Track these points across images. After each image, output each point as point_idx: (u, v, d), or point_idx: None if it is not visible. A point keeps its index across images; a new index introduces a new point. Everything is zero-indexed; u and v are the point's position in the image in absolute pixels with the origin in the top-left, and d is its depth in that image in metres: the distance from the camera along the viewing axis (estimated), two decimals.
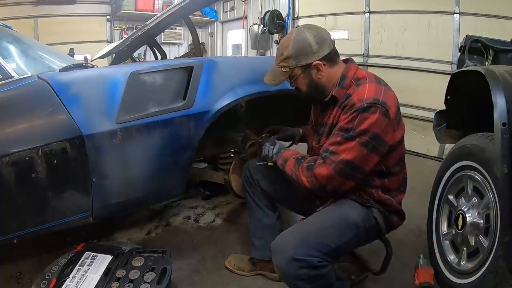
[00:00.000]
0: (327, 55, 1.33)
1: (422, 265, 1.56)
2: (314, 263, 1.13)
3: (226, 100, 1.73)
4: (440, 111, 2.00)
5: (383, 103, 1.23)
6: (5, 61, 1.57)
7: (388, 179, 1.37)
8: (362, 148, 1.22)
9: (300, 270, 1.12)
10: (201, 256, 1.91)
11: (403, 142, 1.39)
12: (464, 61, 2.12)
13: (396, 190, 1.41)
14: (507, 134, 1.21)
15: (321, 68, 1.33)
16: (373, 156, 1.25)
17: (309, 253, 1.14)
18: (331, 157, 1.24)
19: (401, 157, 1.40)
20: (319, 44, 1.31)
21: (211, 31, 7.28)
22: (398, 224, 1.45)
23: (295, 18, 5.22)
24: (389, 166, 1.35)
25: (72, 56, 4.63)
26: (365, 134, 1.22)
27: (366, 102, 1.23)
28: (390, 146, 1.29)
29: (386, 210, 1.37)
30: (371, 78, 1.33)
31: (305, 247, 1.14)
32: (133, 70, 1.59)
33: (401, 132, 1.34)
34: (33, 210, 1.47)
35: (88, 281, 1.39)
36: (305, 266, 1.12)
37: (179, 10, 1.99)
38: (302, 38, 1.32)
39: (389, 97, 1.27)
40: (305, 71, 1.35)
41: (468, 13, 3.41)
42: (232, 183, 2.04)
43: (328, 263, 1.17)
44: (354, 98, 1.27)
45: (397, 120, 1.30)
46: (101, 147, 1.50)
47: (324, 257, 1.15)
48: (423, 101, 3.74)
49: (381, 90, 1.27)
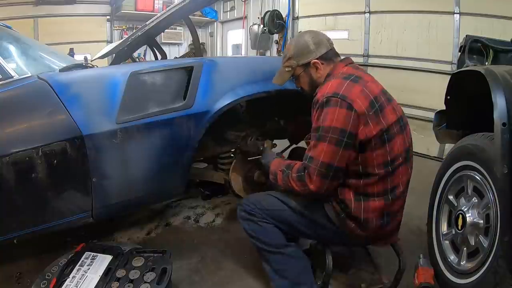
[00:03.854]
0: (324, 55, 1.44)
1: (422, 265, 1.55)
2: (247, 210, 1.50)
3: (226, 100, 1.73)
4: (440, 111, 2.00)
5: (343, 96, 1.27)
6: (5, 61, 1.57)
7: (365, 181, 1.32)
8: (335, 148, 1.27)
9: (239, 212, 1.54)
10: (201, 256, 1.91)
11: (395, 146, 1.32)
12: (464, 61, 2.11)
13: (374, 196, 1.33)
14: (507, 134, 1.21)
15: (319, 67, 1.44)
16: (348, 152, 1.28)
17: (247, 204, 1.52)
18: (312, 165, 1.31)
19: (386, 161, 1.31)
20: (316, 45, 1.44)
21: (211, 31, 7.28)
22: (358, 234, 1.36)
23: (295, 18, 5.22)
24: (367, 167, 1.31)
25: (72, 56, 4.63)
26: (332, 131, 1.26)
27: (325, 96, 1.30)
28: (365, 141, 1.28)
29: (343, 211, 1.35)
30: (342, 75, 1.37)
31: (247, 200, 1.56)
32: (133, 70, 1.59)
33: (377, 128, 1.28)
34: (33, 210, 1.47)
35: (88, 281, 1.39)
36: (242, 210, 1.53)
37: (179, 10, 1.98)
38: (302, 40, 1.47)
39: (351, 91, 1.29)
40: (306, 70, 1.47)
41: (468, 13, 3.41)
42: (232, 183, 2.04)
43: (257, 215, 1.47)
44: (318, 94, 1.35)
45: (371, 114, 1.28)
46: (101, 147, 1.50)
47: (257, 210, 1.48)
48: (423, 101, 3.74)
49: (344, 85, 1.31)
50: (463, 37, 2.20)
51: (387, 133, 1.31)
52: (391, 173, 1.33)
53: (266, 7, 5.57)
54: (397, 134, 1.35)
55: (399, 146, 1.35)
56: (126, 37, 2.27)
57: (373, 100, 1.31)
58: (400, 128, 1.37)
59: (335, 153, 1.27)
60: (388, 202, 1.35)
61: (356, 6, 4.32)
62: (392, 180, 1.34)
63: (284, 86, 1.96)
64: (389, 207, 1.36)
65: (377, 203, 1.33)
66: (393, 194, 1.35)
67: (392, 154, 1.32)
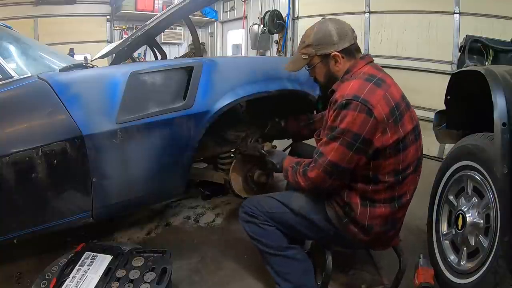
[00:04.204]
0: (347, 49, 1.35)
1: (422, 265, 1.55)
2: (249, 212, 1.49)
3: (226, 100, 1.73)
4: (440, 111, 2.00)
5: (364, 101, 1.20)
6: (5, 61, 1.57)
7: (373, 187, 1.29)
8: (345, 150, 1.23)
9: (241, 213, 1.54)
10: (201, 256, 1.91)
11: (408, 155, 1.28)
12: (464, 61, 2.11)
13: (381, 202, 1.31)
14: (507, 134, 1.21)
15: (339, 60, 1.35)
16: (358, 156, 1.24)
17: (248, 206, 1.51)
18: (319, 160, 1.28)
19: (398, 169, 1.28)
20: (340, 36, 1.33)
21: (211, 31, 7.28)
22: (360, 238, 1.35)
23: (295, 18, 5.22)
24: (377, 173, 1.27)
25: (72, 56, 4.63)
26: (347, 134, 1.22)
27: (345, 98, 1.22)
28: (380, 149, 1.23)
29: (346, 215, 1.33)
30: (364, 75, 1.30)
31: (248, 202, 1.55)
32: (133, 70, 1.59)
33: (395, 137, 1.24)
34: (33, 210, 1.47)
35: (88, 281, 1.39)
36: (243, 211, 1.52)
37: (179, 10, 1.98)
38: (324, 28, 1.35)
39: (374, 95, 1.22)
40: (324, 61, 1.38)
41: (468, 13, 3.41)
42: (232, 183, 2.04)
43: (259, 217, 1.46)
44: (337, 94, 1.28)
45: (391, 122, 1.23)
46: (101, 147, 1.50)
47: (258, 212, 1.47)
48: (423, 101, 3.73)
49: (366, 87, 1.23)
50: (463, 37, 2.20)
51: (403, 142, 1.27)
52: (400, 182, 1.30)
53: (266, 7, 5.57)
54: (412, 143, 1.30)
55: (412, 156, 1.31)
56: (126, 37, 2.27)
57: (394, 107, 1.25)
58: (415, 137, 1.33)
59: (345, 154, 1.23)
60: (394, 209, 1.33)
61: (356, 6, 4.32)
62: (401, 188, 1.32)
63: (285, 86, 1.96)
64: (394, 214, 1.35)
65: (383, 210, 1.31)
66: (399, 202, 1.33)
67: (404, 164, 1.29)
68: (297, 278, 1.44)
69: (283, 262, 1.45)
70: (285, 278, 1.44)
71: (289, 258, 1.45)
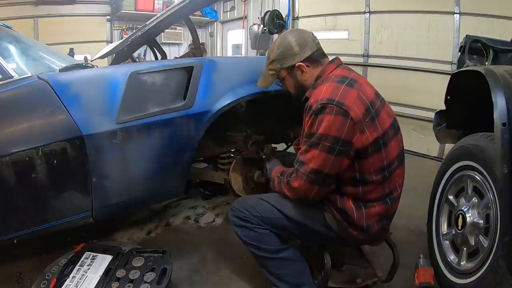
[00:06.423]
0: (310, 57, 1.37)
1: (422, 265, 1.56)
2: (241, 216, 1.44)
3: (226, 100, 1.73)
4: (440, 111, 2.00)
5: (339, 103, 1.20)
6: (5, 61, 1.57)
7: (363, 188, 1.29)
8: (327, 155, 1.22)
9: (232, 217, 1.49)
10: (201, 256, 1.91)
11: (391, 150, 1.30)
12: (464, 61, 2.11)
13: (374, 201, 1.31)
14: (507, 134, 1.21)
15: (304, 70, 1.38)
16: (341, 159, 1.23)
17: (240, 209, 1.46)
18: (301, 169, 1.27)
19: (383, 166, 1.29)
20: (300, 47, 1.37)
21: (211, 31, 7.27)
22: (361, 239, 1.37)
23: (295, 18, 5.21)
24: (364, 173, 1.27)
25: (72, 56, 4.63)
26: (326, 139, 1.21)
27: (320, 102, 1.22)
28: (361, 149, 1.23)
29: (344, 220, 1.33)
30: (336, 78, 1.30)
31: (239, 205, 1.49)
32: (133, 70, 1.58)
33: (374, 135, 1.24)
34: (33, 210, 1.47)
35: (88, 281, 1.39)
36: (234, 215, 1.48)
37: (179, 10, 1.98)
38: (285, 41, 1.39)
39: (348, 96, 1.22)
40: (290, 73, 1.42)
41: (468, 13, 3.41)
42: (232, 183, 2.04)
43: (252, 221, 1.42)
44: (311, 99, 1.28)
45: (368, 120, 1.23)
46: (101, 147, 1.50)
47: (251, 216, 1.42)
48: (423, 101, 3.74)
49: (339, 89, 1.23)
50: (463, 37, 2.20)
51: (383, 138, 1.27)
52: (388, 178, 1.31)
53: (266, 7, 5.56)
54: (392, 138, 1.32)
55: (394, 150, 1.32)
56: (126, 37, 2.27)
57: (369, 106, 1.25)
58: (394, 131, 1.34)
59: (327, 160, 1.22)
60: (387, 205, 1.34)
61: (356, 6, 4.31)
62: (390, 184, 1.33)
63: None
64: (388, 210, 1.36)
65: (377, 208, 1.32)
66: (391, 197, 1.35)
67: (388, 159, 1.30)
68: (295, 278, 1.43)
69: (279, 264, 1.43)
70: (283, 280, 1.43)
71: (285, 260, 1.43)
